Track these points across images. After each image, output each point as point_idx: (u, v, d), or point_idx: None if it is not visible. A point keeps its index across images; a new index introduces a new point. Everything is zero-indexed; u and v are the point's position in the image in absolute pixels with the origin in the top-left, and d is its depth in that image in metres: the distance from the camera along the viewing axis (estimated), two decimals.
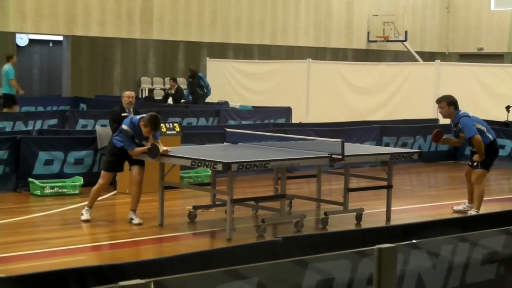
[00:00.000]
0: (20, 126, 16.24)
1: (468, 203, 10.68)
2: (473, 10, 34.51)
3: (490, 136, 10.39)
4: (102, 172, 9.76)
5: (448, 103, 10.26)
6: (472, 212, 10.29)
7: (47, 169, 11.69)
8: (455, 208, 10.79)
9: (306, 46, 30.48)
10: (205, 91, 21.75)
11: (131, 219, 9.50)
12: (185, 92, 22.48)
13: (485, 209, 10.48)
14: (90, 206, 9.65)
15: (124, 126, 9.56)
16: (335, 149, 9.20)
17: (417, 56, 31.31)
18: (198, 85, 21.69)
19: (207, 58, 26.14)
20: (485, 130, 10.35)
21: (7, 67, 19.74)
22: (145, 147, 9.37)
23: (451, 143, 11.15)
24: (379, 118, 18.90)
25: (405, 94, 20.50)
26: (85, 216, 9.54)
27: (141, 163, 9.54)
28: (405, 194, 12.14)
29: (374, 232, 5.69)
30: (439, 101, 10.45)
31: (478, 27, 34.36)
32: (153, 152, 9.15)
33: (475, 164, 10.35)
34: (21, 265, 7.56)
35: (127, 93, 12.31)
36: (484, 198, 10.48)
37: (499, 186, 13.93)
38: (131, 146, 9.41)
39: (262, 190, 11.47)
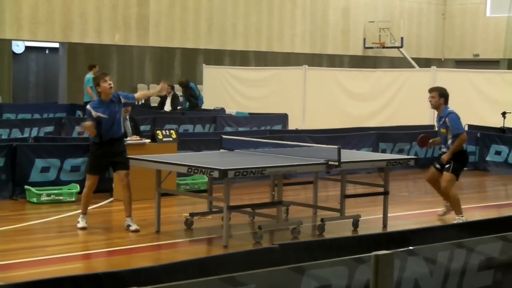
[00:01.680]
0: (16, 133, 16.23)
1: (447, 203, 10.58)
2: (469, 17, 34.60)
3: (464, 145, 10.27)
4: (87, 175, 9.69)
5: (440, 94, 10.17)
6: (458, 218, 10.12)
7: (44, 177, 11.67)
8: (440, 213, 10.75)
9: (303, 52, 30.53)
10: (197, 101, 21.80)
11: (128, 225, 9.46)
12: (181, 99, 22.48)
13: (482, 215, 10.49)
14: (85, 213, 9.61)
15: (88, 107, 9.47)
16: (331, 156, 9.20)
17: (413, 62, 31.37)
18: (191, 95, 21.76)
19: (204, 64, 26.17)
20: None
21: (89, 75, 20.06)
22: None
23: (439, 143, 10.65)
24: (375, 125, 18.92)
25: (402, 100, 20.52)
26: (81, 223, 9.52)
27: (125, 167, 9.48)
28: (402, 201, 12.14)
29: (371, 238, 5.69)
30: (431, 90, 10.33)
31: (474, 34, 34.44)
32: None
33: (446, 166, 10.12)
34: (18, 273, 7.54)
35: None
36: (481, 204, 10.49)
37: (496, 192, 13.95)
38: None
39: (259, 197, 11.47)
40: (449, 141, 10.14)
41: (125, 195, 9.50)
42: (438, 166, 10.37)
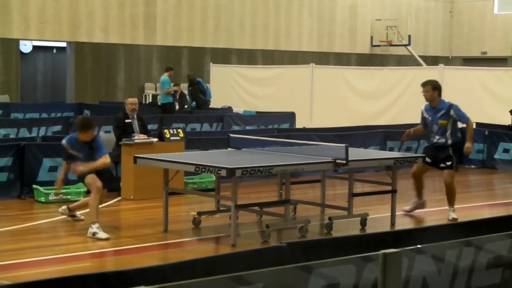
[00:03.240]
0: (24, 133, 16.26)
1: (418, 199, 10.88)
2: (477, 14, 34.50)
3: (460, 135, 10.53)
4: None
5: (433, 87, 10.41)
6: (452, 212, 10.44)
7: (52, 176, 11.67)
8: (405, 208, 10.85)
9: (310, 51, 30.50)
10: (205, 96, 21.80)
11: (94, 233, 8.92)
12: (188, 98, 22.49)
13: (490, 213, 10.48)
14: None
15: (63, 142, 9.41)
16: (339, 154, 9.19)
17: (420, 60, 31.30)
18: (199, 91, 21.73)
19: (211, 63, 26.16)
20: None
21: (164, 77, 20.28)
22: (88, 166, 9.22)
23: (416, 133, 11.00)
24: (383, 123, 18.88)
25: (409, 98, 20.46)
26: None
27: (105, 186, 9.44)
28: (410, 199, 12.10)
29: (379, 237, 5.68)
30: (424, 84, 10.55)
31: (481, 31, 34.34)
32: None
33: (448, 164, 10.32)
34: (26, 272, 7.56)
35: (130, 100, 12.40)
36: (489, 202, 10.53)
37: (504, 190, 13.90)
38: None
39: (266, 196, 11.46)
40: (448, 132, 10.32)
41: (99, 202, 9.28)
42: (428, 160, 10.48)
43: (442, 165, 10.42)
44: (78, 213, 9.92)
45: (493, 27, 33.93)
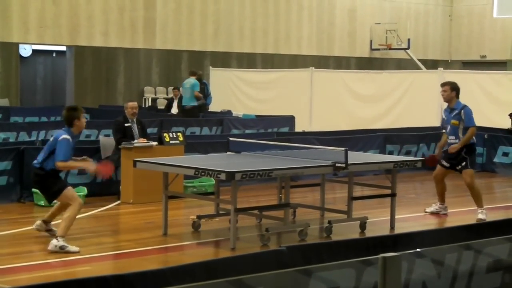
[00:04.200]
0: (23, 136, 16.26)
1: (440, 204, 11.07)
2: (476, 18, 34.52)
3: (474, 137, 10.73)
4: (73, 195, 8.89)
5: (452, 88, 10.73)
6: (481, 211, 10.57)
7: None
8: (427, 209, 11.12)
9: (309, 54, 30.51)
10: (205, 99, 21.77)
11: (63, 247, 8.43)
12: None
13: (489, 216, 10.48)
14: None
15: (65, 136, 8.76)
16: (338, 158, 9.19)
17: (420, 64, 31.31)
18: (202, 92, 21.71)
19: (210, 67, 26.18)
20: None
21: (193, 81, 20.42)
22: (82, 163, 9.03)
23: (443, 145, 10.96)
24: (382, 126, 18.89)
25: (408, 102, 20.49)
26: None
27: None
28: (409, 202, 12.12)
29: (378, 240, 5.68)
30: (443, 84, 10.90)
31: (481, 35, 34.36)
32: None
33: (463, 165, 10.53)
34: (25, 276, 7.56)
35: (130, 104, 12.42)
36: (488, 206, 10.55)
37: (504, 194, 13.91)
38: (67, 155, 8.75)
39: (266, 199, 11.47)
40: (460, 132, 10.59)
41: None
42: (445, 164, 10.73)
43: (458, 167, 10.67)
44: (54, 228, 9.18)
45: (492, 30, 33.96)
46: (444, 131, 11.05)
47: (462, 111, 10.60)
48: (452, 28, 35.16)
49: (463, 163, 10.57)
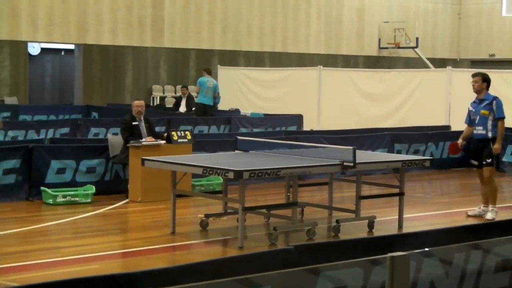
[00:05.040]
0: (32, 135, 16.31)
1: (483, 206, 10.79)
2: (485, 16, 34.43)
3: None
4: None
5: (483, 79, 10.77)
6: (490, 211, 10.49)
7: (59, 178, 11.72)
8: (470, 213, 10.84)
9: (317, 53, 30.49)
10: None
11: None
12: (195, 100, 22.45)
13: (498, 216, 10.45)
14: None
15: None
16: (346, 157, 9.18)
17: (428, 62, 31.26)
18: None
19: (218, 65, 26.18)
20: None
21: (215, 81, 20.91)
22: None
23: (467, 135, 10.98)
24: (390, 125, 18.86)
25: (417, 100, 20.45)
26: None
27: None
28: (417, 202, 12.10)
29: (386, 240, 5.67)
30: (474, 75, 10.90)
31: (489, 33, 34.27)
32: None
33: (489, 161, 10.46)
34: (34, 274, 7.57)
35: (136, 102, 12.42)
36: (497, 205, 10.49)
37: None
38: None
39: (274, 198, 11.46)
40: (489, 123, 10.54)
41: None
42: (475, 163, 10.72)
43: (484, 162, 10.58)
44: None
45: (501, 29, 33.86)
46: (466, 124, 10.89)
47: (494, 101, 10.60)
48: (461, 27, 35.07)
49: (489, 160, 10.52)
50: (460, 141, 10.93)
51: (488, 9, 34.31)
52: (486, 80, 10.78)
